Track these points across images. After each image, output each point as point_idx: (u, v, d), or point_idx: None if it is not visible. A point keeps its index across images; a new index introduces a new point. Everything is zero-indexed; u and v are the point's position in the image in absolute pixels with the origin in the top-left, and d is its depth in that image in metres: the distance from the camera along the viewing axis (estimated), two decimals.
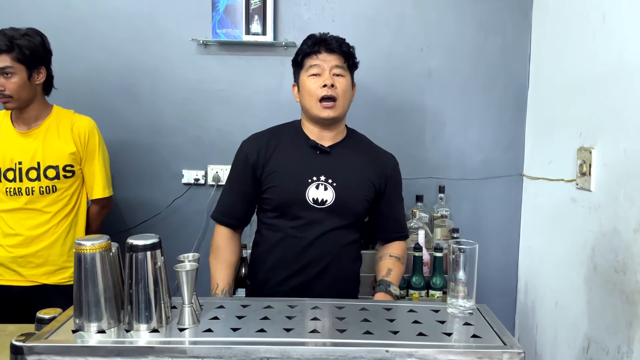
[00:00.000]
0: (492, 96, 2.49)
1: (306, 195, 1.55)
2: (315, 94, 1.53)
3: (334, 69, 1.55)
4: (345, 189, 1.56)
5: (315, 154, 1.59)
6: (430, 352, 1.02)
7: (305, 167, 1.57)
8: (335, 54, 1.57)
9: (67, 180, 1.96)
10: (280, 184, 1.57)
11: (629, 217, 1.63)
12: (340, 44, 1.58)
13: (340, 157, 1.60)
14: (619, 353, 1.66)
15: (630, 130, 1.64)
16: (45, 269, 1.95)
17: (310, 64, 1.57)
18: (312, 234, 1.56)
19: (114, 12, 2.47)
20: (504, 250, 2.56)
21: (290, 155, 1.59)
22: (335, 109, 1.55)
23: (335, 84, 1.53)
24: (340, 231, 1.59)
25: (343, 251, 1.62)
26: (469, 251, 1.20)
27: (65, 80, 2.49)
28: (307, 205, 1.55)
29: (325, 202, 1.55)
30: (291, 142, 1.62)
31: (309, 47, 1.57)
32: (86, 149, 1.95)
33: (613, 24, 1.76)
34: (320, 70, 1.55)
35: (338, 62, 1.56)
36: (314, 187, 1.54)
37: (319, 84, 1.54)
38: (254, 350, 1.02)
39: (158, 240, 1.11)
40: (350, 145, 1.65)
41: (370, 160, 1.65)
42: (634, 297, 1.59)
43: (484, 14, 2.45)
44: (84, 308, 1.08)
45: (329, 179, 1.56)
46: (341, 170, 1.58)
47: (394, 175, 1.69)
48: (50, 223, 1.94)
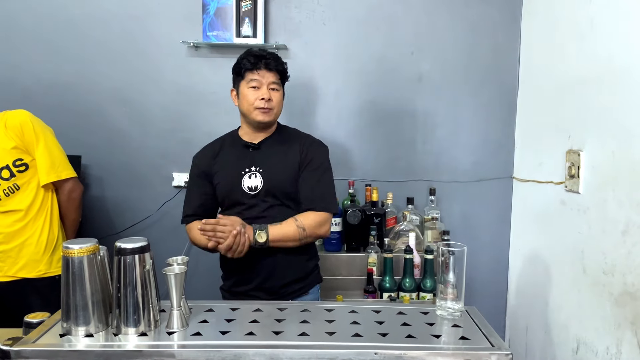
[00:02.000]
0: (482, 99, 2.51)
1: (242, 184, 1.80)
2: (254, 104, 1.78)
3: (271, 85, 1.80)
4: (271, 174, 1.80)
5: (247, 151, 1.85)
6: (418, 354, 1.02)
7: (240, 163, 1.83)
8: (272, 71, 1.80)
9: (24, 174, 1.93)
10: (223, 179, 1.84)
11: (617, 219, 1.64)
12: (277, 64, 1.82)
13: (267, 149, 1.86)
14: (608, 354, 1.67)
15: (617, 133, 1.65)
16: (21, 264, 1.95)
17: (250, 77, 1.79)
18: (252, 214, 1.78)
19: (104, 15, 2.46)
20: (494, 252, 2.57)
21: (229, 156, 1.87)
22: (270, 115, 1.80)
23: (271, 97, 1.79)
24: (276, 208, 1.80)
25: None
26: (458, 253, 1.21)
27: (55, 82, 2.49)
28: (243, 193, 1.80)
29: (257, 188, 1.80)
30: (230, 146, 1.90)
31: (251, 63, 1.79)
32: (24, 140, 1.92)
33: (601, 28, 1.78)
34: (259, 84, 1.79)
35: (274, 79, 1.80)
36: (247, 177, 1.81)
37: (257, 96, 1.78)
38: (242, 353, 1.02)
39: (146, 243, 1.11)
40: (276, 138, 1.89)
41: (293, 145, 1.87)
42: (623, 299, 1.60)
43: (474, 18, 2.47)
44: (71, 312, 1.08)
45: (258, 168, 1.81)
46: (268, 159, 1.83)
47: (311, 152, 1.86)
48: (26, 219, 1.94)
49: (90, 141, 2.51)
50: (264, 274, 1.78)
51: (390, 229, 2.38)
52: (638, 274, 1.53)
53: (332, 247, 2.36)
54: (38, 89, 2.48)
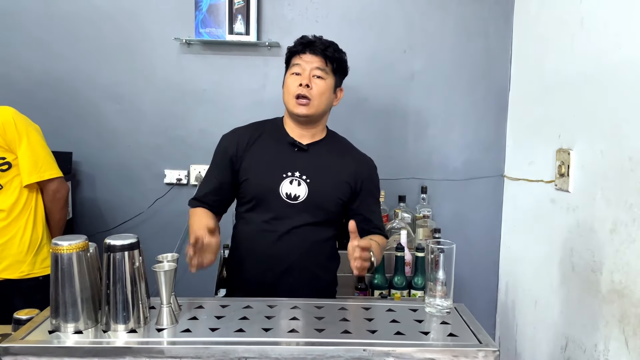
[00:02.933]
0: (474, 98, 2.52)
1: (280, 189, 1.57)
2: (292, 91, 1.59)
3: (314, 71, 1.60)
4: (319, 186, 1.59)
5: (292, 150, 1.63)
6: (407, 350, 1.03)
7: (281, 162, 1.61)
8: (318, 56, 1.60)
9: (7, 173, 1.90)
10: (256, 176, 1.60)
11: (605, 218, 1.65)
12: (325, 48, 1.61)
13: (317, 155, 1.64)
14: (596, 351, 1.69)
15: (606, 132, 1.66)
16: (4, 264, 1.92)
17: (293, 62, 1.63)
18: (283, 227, 1.58)
19: (96, 11, 2.45)
20: (485, 250, 2.59)
21: (268, 150, 1.64)
22: (309, 107, 1.58)
23: (311, 84, 1.58)
24: (311, 227, 1.60)
25: (313, 248, 1.63)
26: (448, 251, 1.21)
27: (46, 79, 2.48)
28: (280, 199, 1.58)
29: (298, 198, 1.58)
30: (271, 138, 1.66)
31: (295, 46, 1.63)
32: (6, 138, 1.87)
33: (591, 28, 1.79)
34: (300, 70, 1.60)
35: (319, 65, 1.60)
36: (287, 182, 1.58)
37: (297, 82, 1.59)
38: (232, 350, 1.02)
39: (136, 240, 1.11)
40: (328, 145, 1.69)
41: (347, 161, 1.67)
42: (610, 297, 1.62)
43: (466, 17, 2.48)
44: (60, 308, 1.08)
45: (303, 175, 1.59)
46: (317, 168, 1.61)
47: (372, 178, 1.71)
48: (8, 219, 1.91)
49: (81, 138, 2.50)
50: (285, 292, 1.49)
51: None
52: (625, 272, 1.55)
53: None
54: (29, 86, 2.47)
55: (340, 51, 1.67)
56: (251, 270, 1.62)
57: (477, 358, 1.03)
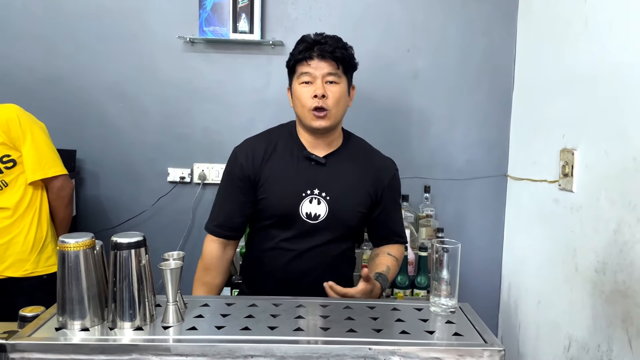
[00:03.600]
0: (478, 97, 2.52)
1: (300, 210, 1.50)
2: (307, 104, 1.46)
3: (327, 77, 1.46)
4: (339, 202, 1.51)
5: (309, 165, 1.53)
6: (412, 349, 1.03)
7: (299, 180, 1.51)
8: (327, 60, 1.46)
9: (11, 171, 1.90)
10: (275, 195, 1.51)
11: (609, 218, 1.66)
12: (333, 49, 1.46)
13: (335, 168, 1.54)
14: (599, 352, 1.69)
15: (611, 133, 1.67)
16: (8, 262, 1.91)
17: (301, 71, 1.47)
18: (302, 246, 1.52)
19: (99, 9, 2.45)
20: (488, 250, 2.59)
21: (285, 165, 1.53)
22: (327, 119, 1.47)
23: (327, 93, 1.45)
24: (331, 244, 1.55)
25: (333, 262, 1.57)
26: (452, 250, 1.21)
27: (50, 77, 2.48)
28: (300, 219, 1.50)
29: (319, 217, 1.50)
30: (285, 150, 1.55)
31: (301, 52, 1.47)
32: (10, 136, 1.87)
33: (595, 28, 1.79)
34: (311, 78, 1.46)
35: (331, 69, 1.46)
36: (307, 201, 1.50)
37: (310, 93, 1.45)
38: (237, 348, 1.02)
39: (142, 238, 1.11)
40: (346, 154, 1.58)
41: (367, 169, 1.58)
42: (614, 297, 1.62)
43: (470, 16, 2.47)
44: (67, 306, 1.08)
45: (322, 192, 1.51)
46: (336, 182, 1.52)
47: (392, 184, 1.62)
48: (13, 217, 1.91)
49: (85, 136, 2.50)
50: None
51: None
52: (629, 272, 1.55)
53: None
54: (33, 84, 2.47)
55: (347, 47, 1.53)
56: (269, 287, 1.55)
57: (482, 357, 1.03)
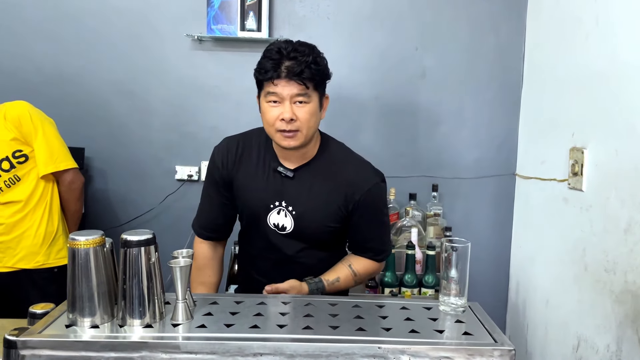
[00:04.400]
0: (486, 96, 2.51)
1: (267, 220, 1.50)
2: (275, 125, 1.38)
3: (294, 97, 1.36)
4: (304, 217, 1.48)
5: (279, 177, 1.49)
6: (422, 348, 1.03)
7: (267, 191, 1.49)
8: (296, 81, 1.34)
9: (24, 165, 1.94)
10: (245, 203, 1.53)
11: (619, 217, 1.64)
12: (302, 70, 1.33)
13: (304, 182, 1.49)
14: (608, 352, 1.68)
15: (621, 131, 1.65)
16: (20, 255, 1.96)
17: (268, 90, 1.37)
18: (278, 255, 1.53)
19: (107, 8, 2.46)
20: (496, 249, 2.58)
21: (255, 174, 1.51)
22: (297, 139, 1.39)
23: (295, 115, 1.36)
24: (305, 252, 1.53)
25: (313, 271, 1.53)
26: (461, 249, 1.21)
27: (59, 75, 2.49)
28: (269, 229, 1.51)
29: (286, 229, 1.49)
30: (258, 158, 1.52)
31: (267, 71, 1.35)
32: (22, 131, 1.92)
33: (606, 26, 1.77)
34: (279, 98, 1.36)
35: (299, 91, 1.35)
36: (275, 212, 1.49)
37: (277, 113, 1.37)
38: (247, 346, 1.02)
39: (152, 235, 1.11)
40: (318, 166, 1.50)
41: (339, 183, 1.48)
42: (624, 297, 1.61)
43: (478, 14, 2.46)
44: (77, 303, 1.08)
45: (289, 206, 1.48)
46: (304, 196, 1.48)
47: (366, 200, 1.49)
48: (25, 210, 1.95)
49: (94, 134, 2.51)
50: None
51: (392, 225, 2.39)
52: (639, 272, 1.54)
53: None
54: (42, 82, 2.48)
55: (318, 60, 1.38)
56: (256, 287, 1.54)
57: (492, 357, 1.03)
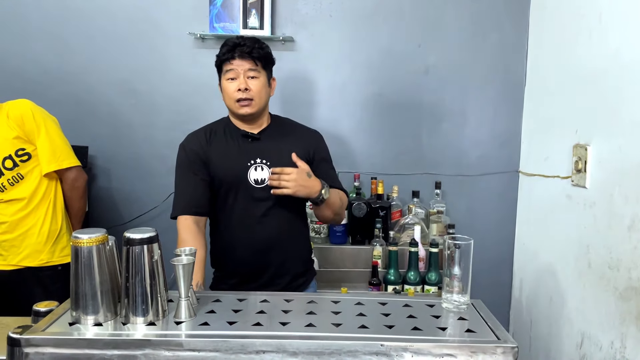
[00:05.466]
0: (489, 92, 2.50)
1: (248, 177, 1.72)
2: (233, 96, 1.71)
3: (247, 72, 1.70)
4: (278, 165, 1.67)
5: (247, 141, 1.77)
6: (424, 346, 1.03)
7: (242, 153, 1.74)
8: (246, 59, 1.70)
9: (27, 164, 1.94)
10: (225, 168, 1.73)
11: (623, 214, 1.64)
12: (251, 50, 1.70)
13: (269, 140, 1.78)
14: (612, 349, 1.68)
15: (625, 128, 1.65)
16: (25, 253, 1.96)
17: (226, 68, 1.72)
18: (261, 209, 1.73)
19: (110, 6, 2.46)
20: (499, 246, 2.58)
21: (228, 144, 1.76)
22: (252, 107, 1.71)
23: (249, 86, 1.70)
24: (284, 203, 1.73)
25: (292, 220, 1.80)
26: (464, 247, 1.21)
27: (62, 73, 2.50)
28: (250, 185, 1.72)
29: (264, 181, 1.71)
30: (225, 134, 1.79)
31: (224, 54, 1.72)
32: (25, 130, 1.92)
33: (609, 23, 1.76)
34: (235, 74, 1.70)
35: (250, 66, 1.71)
36: (253, 169, 1.73)
37: (235, 86, 1.70)
38: (250, 343, 1.02)
39: (155, 234, 1.11)
40: (276, 129, 1.82)
41: (297, 138, 1.82)
42: (627, 294, 1.60)
43: (481, 10, 2.45)
44: (80, 301, 1.09)
45: (263, 160, 1.73)
46: (273, 151, 1.75)
47: (320, 146, 1.85)
48: (28, 208, 1.95)
49: (97, 132, 2.52)
50: (273, 269, 1.75)
51: (395, 222, 2.38)
52: None
53: (337, 239, 2.37)
54: (45, 80, 2.49)
55: (264, 47, 1.76)
56: (239, 256, 1.75)
57: (495, 354, 1.03)
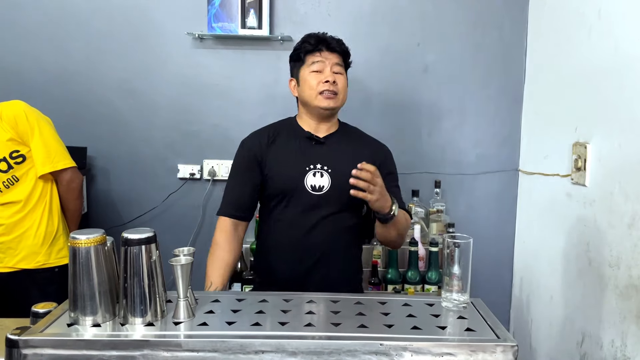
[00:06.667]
0: (488, 91, 2.50)
1: (305, 182, 1.64)
2: (317, 88, 1.64)
3: (334, 67, 1.67)
4: (340, 174, 1.63)
5: (311, 144, 1.70)
6: (424, 345, 1.02)
7: (302, 156, 1.67)
8: (335, 52, 1.68)
9: (21, 166, 1.93)
10: (281, 172, 1.67)
11: (623, 212, 1.63)
12: (340, 44, 1.69)
13: (334, 146, 1.71)
14: (613, 347, 1.67)
15: (624, 126, 1.64)
16: (21, 255, 1.96)
17: (312, 60, 1.67)
18: (313, 218, 1.65)
19: (108, 7, 2.46)
20: (499, 245, 2.57)
21: (288, 146, 1.70)
22: (336, 100, 1.66)
23: (336, 80, 1.66)
24: (339, 215, 1.67)
25: (341, 235, 1.69)
26: (464, 245, 1.20)
27: (60, 74, 2.50)
28: (306, 191, 1.64)
29: (323, 188, 1.64)
30: (288, 135, 1.72)
31: (312, 45, 1.67)
32: (18, 131, 1.90)
33: (608, 20, 1.76)
34: (322, 67, 1.66)
35: (338, 61, 1.68)
36: (311, 174, 1.65)
37: (320, 79, 1.64)
38: (249, 343, 1.02)
39: (153, 234, 1.11)
40: (343, 136, 1.76)
41: (363, 147, 1.74)
42: (628, 292, 1.60)
43: (480, 9, 2.45)
44: (79, 302, 1.08)
45: (324, 166, 1.66)
46: (336, 158, 1.68)
47: (387, 163, 1.75)
48: (24, 210, 1.95)
49: (96, 132, 2.51)
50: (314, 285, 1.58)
51: None
52: None
53: None
54: (43, 80, 2.49)
55: (345, 45, 1.74)
56: (282, 265, 1.68)
57: (495, 353, 1.02)
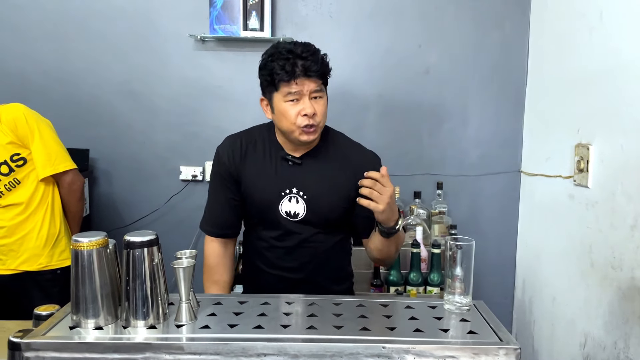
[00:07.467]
0: (490, 92, 2.49)
1: (280, 209, 1.53)
2: (296, 122, 1.45)
3: (313, 93, 1.46)
4: (316, 200, 1.53)
5: (287, 165, 1.55)
6: (426, 348, 1.02)
7: (278, 179, 1.54)
8: (313, 77, 1.45)
9: (22, 168, 1.94)
10: (255, 194, 1.55)
11: (626, 213, 1.63)
12: (318, 66, 1.44)
13: (312, 167, 1.55)
14: (616, 349, 1.67)
15: (627, 127, 1.64)
16: (23, 257, 1.96)
17: (287, 90, 1.44)
18: (291, 242, 1.56)
19: (110, 9, 2.46)
20: (501, 247, 2.57)
21: (263, 165, 1.56)
22: (315, 133, 1.48)
23: (315, 109, 1.45)
24: (319, 236, 1.57)
25: (326, 255, 1.60)
26: (466, 247, 1.20)
27: (62, 76, 2.50)
28: (282, 217, 1.54)
29: (298, 215, 1.53)
30: (264, 151, 1.57)
31: (287, 72, 1.42)
32: (18, 135, 1.90)
33: (610, 22, 1.76)
34: (298, 96, 1.44)
35: (316, 87, 1.46)
36: (286, 200, 1.53)
37: (297, 109, 1.44)
38: (251, 346, 1.02)
39: (155, 236, 1.11)
40: (322, 152, 1.58)
41: (345, 165, 1.57)
42: (631, 293, 1.59)
43: (482, 10, 2.45)
44: (81, 304, 1.08)
45: (300, 191, 1.53)
46: (313, 180, 1.54)
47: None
48: (26, 213, 1.95)
49: (98, 135, 2.52)
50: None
51: None
52: None
53: None
54: (45, 83, 2.49)
55: (326, 60, 1.50)
56: (264, 281, 1.62)
57: (498, 356, 1.02)
